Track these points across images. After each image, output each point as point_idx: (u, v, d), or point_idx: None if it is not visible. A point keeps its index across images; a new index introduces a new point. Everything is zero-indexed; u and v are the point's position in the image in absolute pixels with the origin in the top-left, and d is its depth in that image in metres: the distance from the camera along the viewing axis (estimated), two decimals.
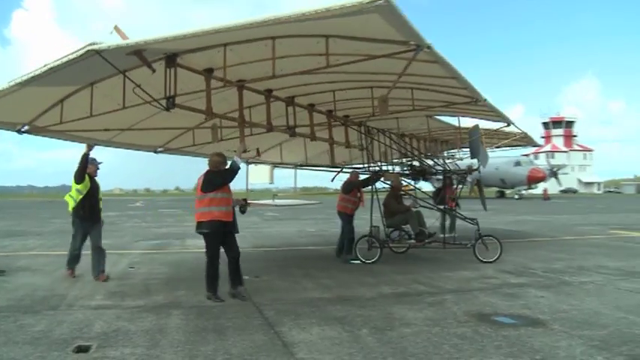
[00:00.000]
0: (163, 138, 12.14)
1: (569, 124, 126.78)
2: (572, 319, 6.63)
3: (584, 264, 11.25)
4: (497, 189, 65.99)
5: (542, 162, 76.54)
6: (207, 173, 8.06)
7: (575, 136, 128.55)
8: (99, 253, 9.56)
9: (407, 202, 13.46)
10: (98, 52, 5.98)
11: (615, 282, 9.29)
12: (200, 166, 13.33)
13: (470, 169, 13.88)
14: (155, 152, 12.76)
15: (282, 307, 7.40)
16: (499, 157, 50.28)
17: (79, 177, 9.39)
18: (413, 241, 12.33)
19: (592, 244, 14.25)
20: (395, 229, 12.56)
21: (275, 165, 16.16)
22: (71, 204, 9.54)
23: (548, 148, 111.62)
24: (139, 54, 6.44)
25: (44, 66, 6.28)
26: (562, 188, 79.49)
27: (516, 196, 61.57)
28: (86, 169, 9.43)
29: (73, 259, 9.72)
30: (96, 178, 9.80)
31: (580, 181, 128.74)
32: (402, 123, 14.53)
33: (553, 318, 6.70)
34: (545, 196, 64.11)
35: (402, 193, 13.72)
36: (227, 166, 7.99)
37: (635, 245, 15.17)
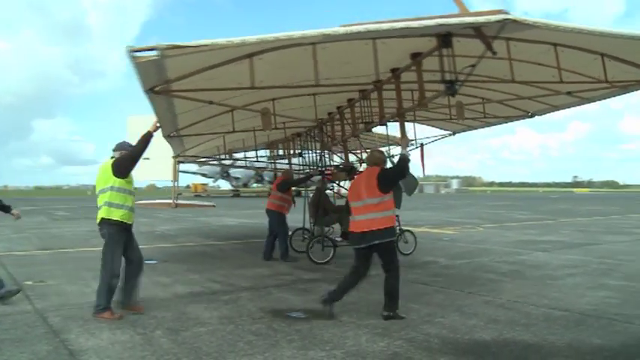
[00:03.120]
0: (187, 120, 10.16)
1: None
2: (360, 310, 7.10)
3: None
4: (232, 188, 66.79)
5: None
6: (383, 171, 6.96)
7: None
8: (140, 270, 7.24)
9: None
10: (512, 21, 4.98)
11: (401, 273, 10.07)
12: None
13: None
14: (169, 136, 10.80)
15: (69, 312, 6.93)
16: None
17: (130, 168, 7.00)
18: (339, 239, 12.31)
19: None
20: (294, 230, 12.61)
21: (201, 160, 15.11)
22: (119, 213, 6.86)
23: None
24: (480, 31, 5.63)
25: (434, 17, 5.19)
26: None
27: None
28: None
29: (113, 290, 6.86)
30: None
31: None
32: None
33: (342, 310, 7.07)
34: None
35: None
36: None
37: (419, 240, 16.61)
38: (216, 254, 13.03)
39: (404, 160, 6.90)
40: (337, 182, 13.42)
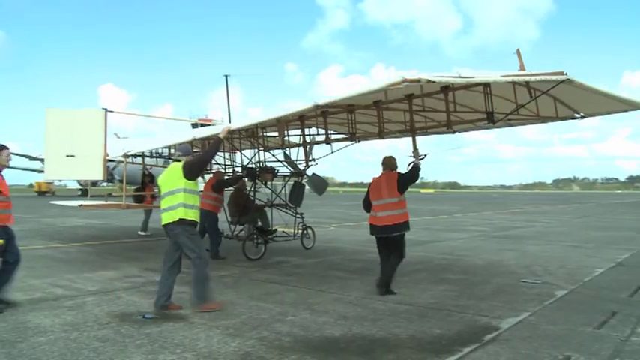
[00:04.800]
0: None
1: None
2: (211, 312, 7.01)
3: (228, 259, 12.05)
4: (79, 187, 64.95)
5: None
6: (401, 175, 8.42)
7: None
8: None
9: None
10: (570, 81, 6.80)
11: (250, 274, 10.15)
12: None
13: (303, 172, 13.65)
14: None
15: None
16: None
17: (200, 172, 7.77)
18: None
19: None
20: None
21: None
22: (192, 213, 7.30)
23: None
24: (528, 85, 7.67)
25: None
26: None
27: None
28: None
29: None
30: None
31: None
32: None
33: (194, 312, 6.98)
34: None
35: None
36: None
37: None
38: (60, 257, 12.24)
39: (416, 168, 8.37)
40: (264, 182, 13.42)
